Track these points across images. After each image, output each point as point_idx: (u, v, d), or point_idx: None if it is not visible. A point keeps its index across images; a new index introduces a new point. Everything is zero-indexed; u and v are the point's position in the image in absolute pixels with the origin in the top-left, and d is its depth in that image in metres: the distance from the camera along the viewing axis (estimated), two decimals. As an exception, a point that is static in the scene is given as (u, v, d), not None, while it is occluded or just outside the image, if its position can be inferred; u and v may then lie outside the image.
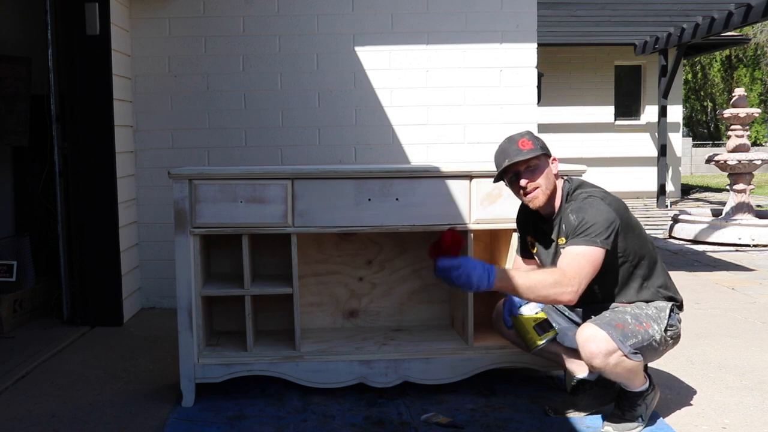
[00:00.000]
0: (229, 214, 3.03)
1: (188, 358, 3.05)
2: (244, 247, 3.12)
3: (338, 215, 3.07)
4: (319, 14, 4.86)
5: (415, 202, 3.09)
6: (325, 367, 3.11)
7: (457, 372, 3.15)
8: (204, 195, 3.01)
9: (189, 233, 3.02)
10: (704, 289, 5.44)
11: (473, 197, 3.12)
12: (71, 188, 4.37)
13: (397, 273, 3.57)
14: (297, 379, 3.11)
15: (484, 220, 3.14)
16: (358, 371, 3.12)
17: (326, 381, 3.12)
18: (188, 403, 3.05)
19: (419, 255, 3.54)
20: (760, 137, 27.28)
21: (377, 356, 3.14)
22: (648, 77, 14.24)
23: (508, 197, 3.05)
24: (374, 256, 3.56)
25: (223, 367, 3.10)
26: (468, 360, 3.16)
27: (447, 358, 3.16)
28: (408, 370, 3.13)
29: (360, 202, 3.06)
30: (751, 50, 26.72)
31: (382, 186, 3.07)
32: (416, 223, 3.11)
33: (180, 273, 3.02)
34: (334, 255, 3.54)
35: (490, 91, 4.94)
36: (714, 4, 9.62)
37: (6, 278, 4.43)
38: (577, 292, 2.57)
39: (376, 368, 3.12)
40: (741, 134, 8.57)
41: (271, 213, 3.04)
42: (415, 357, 3.14)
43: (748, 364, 3.58)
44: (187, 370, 3.06)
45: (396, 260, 3.57)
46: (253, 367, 3.11)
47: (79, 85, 4.31)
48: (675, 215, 8.85)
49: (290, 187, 3.04)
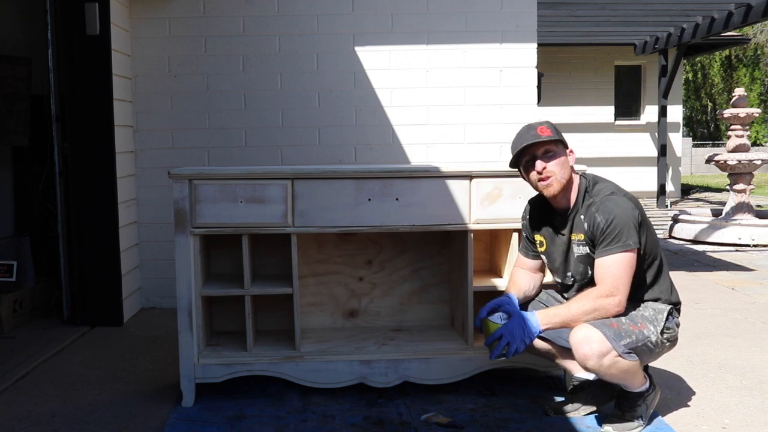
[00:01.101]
0: (229, 214, 3.03)
1: (188, 358, 3.05)
2: (244, 247, 3.12)
3: (338, 215, 3.07)
4: (319, 14, 4.87)
5: (415, 202, 3.09)
6: (325, 367, 3.11)
7: (456, 372, 3.15)
8: (204, 195, 3.01)
9: (189, 233, 3.02)
10: (704, 289, 5.44)
11: (473, 197, 3.12)
12: (71, 188, 4.37)
13: (397, 273, 3.57)
14: (297, 379, 3.11)
15: (485, 220, 3.14)
16: (358, 371, 3.12)
17: (326, 381, 3.12)
18: (188, 403, 3.05)
19: (419, 255, 3.55)
20: (760, 137, 27.27)
21: (377, 356, 3.14)
22: (648, 77, 14.24)
23: (507, 197, 3.07)
24: (374, 256, 3.56)
25: (223, 367, 3.10)
26: (468, 360, 3.15)
27: (447, 358, 3.16)
28: (408, 370, 3.13)
29: (360, 202, 3.06)
30: (751, 50, 26.73)
31: (382, 186, 3.07)
32: (416, 223, 3.11)
33: (180, 273, 3.02)
34: (334, 255, 3.54)
35: (490, 91, 4.95)
36: (714, 4, 9.62)
37: (6, 278, 4.43)
38: (621, 301, 2.60)
39: (376, 368, 3.12)
40: (741, 134, 8.57)
41: (271, 213, 3.04)
42: (415, 357, 3.15)
43: (748, 364, 3.58)
44: (187, 370, 3.06)
45: (396, 260, 3.57)
46: (253, 367, 3.11)
47: (79, 85, 4.31)
48: (675, 215, 8.85)
49: (290, 187, 3.04)
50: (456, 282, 3.43)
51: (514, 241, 3.18)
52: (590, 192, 2.75)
